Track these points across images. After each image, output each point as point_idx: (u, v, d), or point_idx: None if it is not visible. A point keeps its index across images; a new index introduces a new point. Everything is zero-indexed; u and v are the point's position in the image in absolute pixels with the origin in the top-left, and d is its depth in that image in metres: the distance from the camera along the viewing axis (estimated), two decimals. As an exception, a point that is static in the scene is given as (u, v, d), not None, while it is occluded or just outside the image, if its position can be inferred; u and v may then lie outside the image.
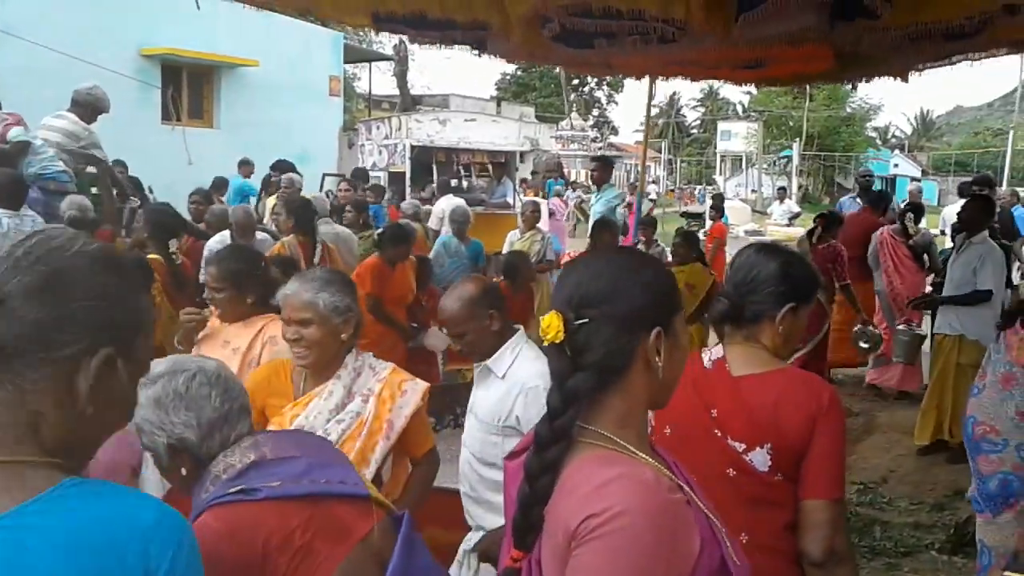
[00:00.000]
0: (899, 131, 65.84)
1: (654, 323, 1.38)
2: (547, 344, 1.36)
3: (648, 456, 1.38)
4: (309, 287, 2.63)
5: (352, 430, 2.64)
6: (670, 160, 53.20)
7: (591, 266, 1.44)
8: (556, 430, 1.34)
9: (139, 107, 13.62)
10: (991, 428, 3.93)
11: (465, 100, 23.47)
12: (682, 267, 6.40)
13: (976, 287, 6.07)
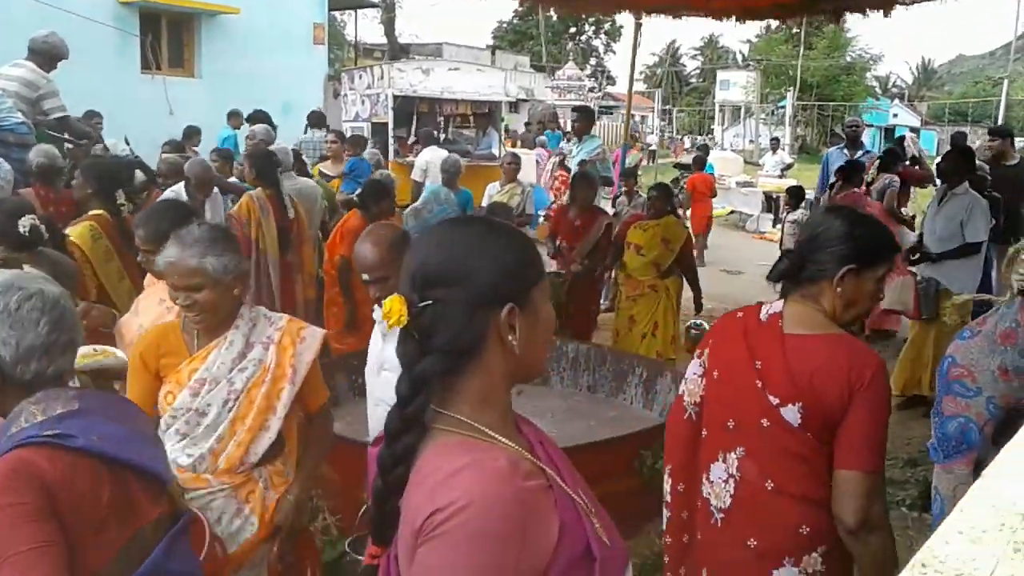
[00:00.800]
0: (900, 80, 65.14)
1: (506, 299, 1.29)
2: (389, 328, 1.27)
3: (509, 439, 1.30)
4: (193, 252, 2.50)
5: (256, 377, 2.60)
6: (668, 110, 52.68)
7: (434, 241, 1.35)
8: (406, 418, 1.27)
9: (117, 56, 13.35)
10: (968, 373, 3.86)
11: (459, 49, 23.07)
12: (657, 221, 6.28)
13: (965, 240, 5.96)
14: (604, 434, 4.85)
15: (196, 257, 2.49)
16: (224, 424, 2.57)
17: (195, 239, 2.52)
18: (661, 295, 6.28)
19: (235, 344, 2.60)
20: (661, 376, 5.24)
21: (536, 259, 1.37)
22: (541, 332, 1.36)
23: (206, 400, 2.56)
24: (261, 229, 5.60)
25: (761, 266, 11.91)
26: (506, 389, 1.35)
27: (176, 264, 2.50)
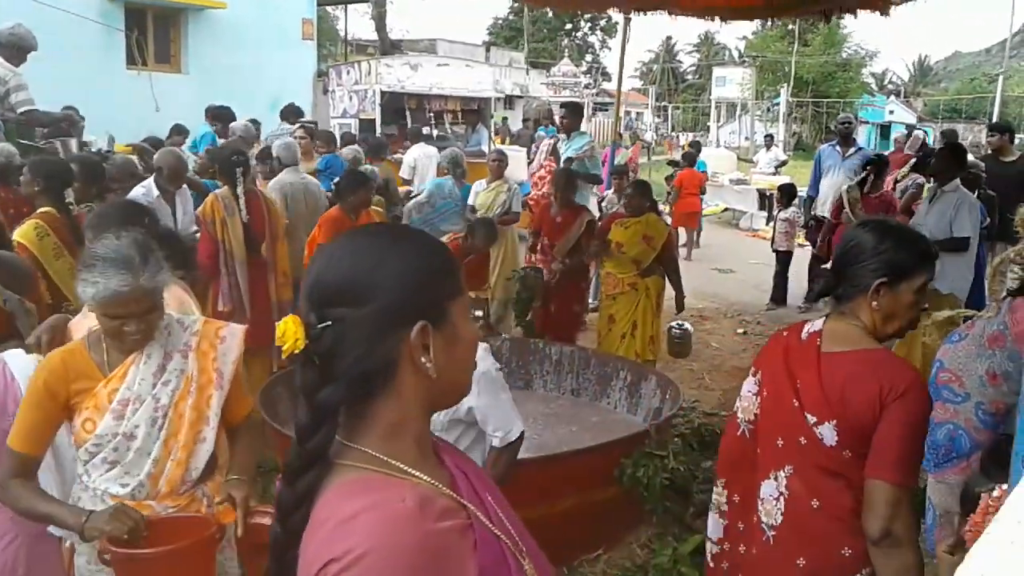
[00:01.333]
0: (896, 77, 64.97)
1: (417, 316, 1.14)
2: (286, 353, 1.12)
3: (424, 472, 1.14)
4: (146, 274, 2.23)
5: (182, 388, 2.40)
6: (664, 107, 52.53)
7: (335, 253, 1.18)
8: (308, 454, 1.12)
9: (103, 51, 13.15)
10: (956, 378, 3.74)
11: (453, 45, 22.87)
12: (638, 218, 6.12)
13: (953, 235, 5.83)
14: (586, 440, 4.73)
15: (150, 279, 2.24)
16: (157, 445, 2.37)
17: (136, 258, 2.22)
18: (640, 294, 6.12)
19: (153, 357, 2.38)
20: (646, 380, 5.10)
21: (453, 269, 1.23)
22: (461, 352, 1.21)
23: (133, 422, 2.34)
24: (227, 228, 5.42)
25: (752, 264, 11.79)
26: (422, 416, 1.20)
27: (132, 292, 2.20)
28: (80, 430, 2.34)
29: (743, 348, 8.07)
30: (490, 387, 2.82)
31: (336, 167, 8.02)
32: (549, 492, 3.88)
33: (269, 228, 5.58)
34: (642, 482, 3.99)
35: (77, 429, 2.33)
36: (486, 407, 2.86)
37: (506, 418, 2.93)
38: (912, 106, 46.76)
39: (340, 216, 5.87)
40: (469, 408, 2.79)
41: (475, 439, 3.00)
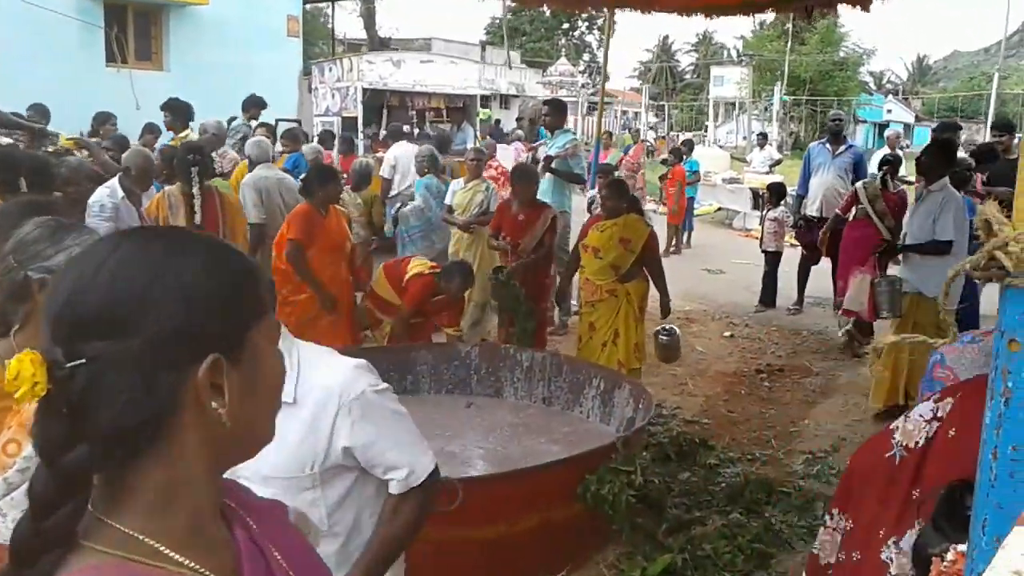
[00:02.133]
0: (895, 76, 64.74)
1: (206, 348, 0.87)
2: (20, 398, 0.82)
3: (198, 553, 0.88)
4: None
5: None
6: (661, 106, 52.32)
7: (91, 265, 0.87)
8: (46, 535, 0.83)
9: (81, 49, 12.94)
10: (953, 378, 3.52)
11: (448, 44, 22.61)
12: (615, 220, 5.85)
13: (935, 237, 5.58)
14: (554, 453, 4.49)
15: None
16: None
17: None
18: (621, 300, 5.85)
19: None
20: (619, 388, 4.85)
21: (255, 286, 0.95)
22: (265, 390, 0.95)
23: None
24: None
25: (743, 265, 11.54)
26: (207, 479, 0.92)
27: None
28: (2, 455, 1.99)
29: (729, 352, 7.82)
30: (372, 415, 1.98)
31: (303, 166, 7.80)
32: (509, 510, 3.64)
33: (223, 230, 5.34)
34: (607, 499, 3.74)
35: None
36: (369, 443, 1.98)
37: (404, 453, 2.03)
38: (910, 105, 46.58)
39: (310, 211, 5.65)
40: (344, 448, 1.96)
41: (376, 491, 2.08)
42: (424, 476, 2.03)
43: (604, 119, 38.36)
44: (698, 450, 5.35)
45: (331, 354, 2.05)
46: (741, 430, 5.94)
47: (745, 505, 4.62)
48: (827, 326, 8.54)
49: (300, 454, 1.91)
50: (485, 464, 4.35)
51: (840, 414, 6.25)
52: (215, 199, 5.36)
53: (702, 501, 4.70)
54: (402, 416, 2.07)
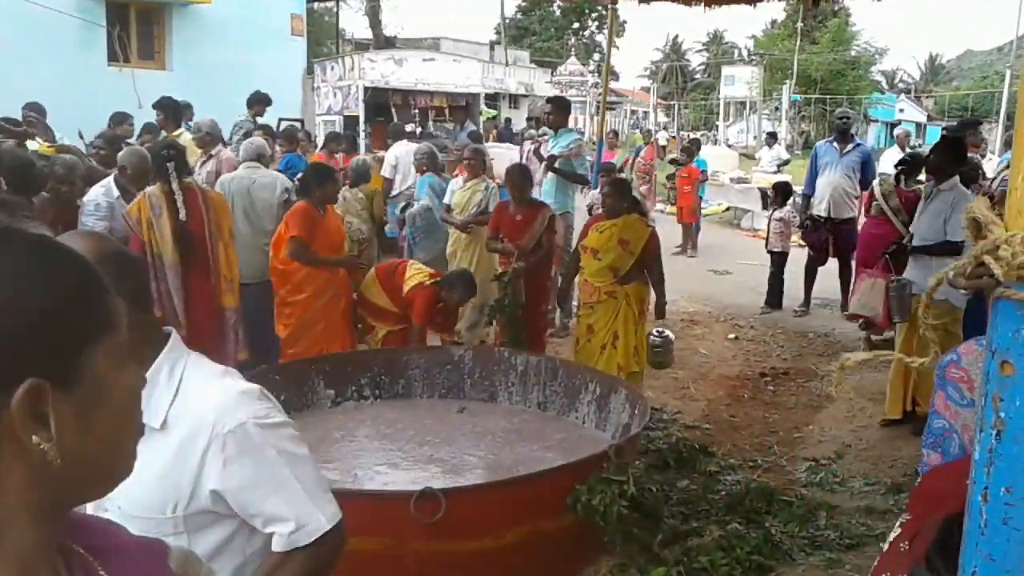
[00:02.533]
0: (907, 75, 64.23)
1: (22, 371, 0.73)
2: None
3: None
4: None
5: None
6: (671, 105, 52.07)
7: None
8: None
9: (83, 48, 12.87)
10: (967, 380, 3.41)
11: (457, 43, 22.50)
12: (614, 221, 5.71)
13: (947, 238, 5.40)
14: (548, 460, 4.34)
15: None
16: None
17: None
18: (620, 302, 5.70)
19: None
20: (615, 393, 4.70)
21: (97, 297, 0.82)
22: (112, 418, 0.82)
23: None
24: (153, 229, 5.04)
25: (747, 265, 11.36)
26: (32, 522, 0.77)
27: None
28: None
29: (732, 355, 7.66)
30: (251, 452, 1.57)
31: (297, 167, 7.68)
32: (495, 522, 3.49)
33: (208, 228, 5.21)
34: (598, 511, 3.59)
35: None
36: (243, 487, 1.58)
37: (291, 504, 1.61)
38: (923, 104, 46.20)
39: (308, 209, 5.55)
40: (213, 492, 1.57)
41: (265, 546, 1.65)
42: (317, 534, 1.61)
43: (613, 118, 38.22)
44: (698, 457, 5.20)
45: (223, 375, 1.70)
46: (743, 435, 5.79)
47: (744, 514, 4.47)
48: (834, 328, 8.37)
49: (161, 491, 1.57)
50: (475, 472, 4.20)
51: (846, 419, 6.08)
52: (197, 196, 5.20)
53: (700, 510, 4.55)
54: (296, 458, 1.64)
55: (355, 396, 5.15)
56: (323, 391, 5.05)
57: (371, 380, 5.19)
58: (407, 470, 4.22)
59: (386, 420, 4.85)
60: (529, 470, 4.12)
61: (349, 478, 4.10)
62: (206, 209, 5.19)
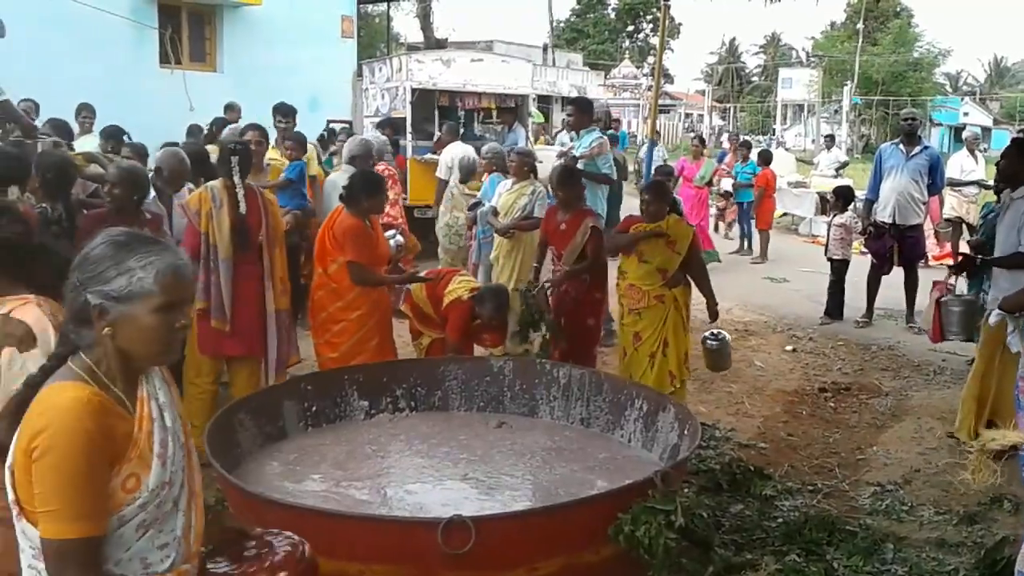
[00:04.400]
0: (971, 78, 62.47)
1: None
2: None
3: None
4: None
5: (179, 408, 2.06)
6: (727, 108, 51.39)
7: None
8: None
9: (135, 50, 12.86)
10: None
11: (509, 46, 22.34)
12: (657, 223, 5.44)
13: (1020, 248, 4.99)
14: (591, 481, 4.06)
15: None
16: (184, 491, 1.88)
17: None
18: (668, 307, 5.43)
19: (155, 372, 1.92)
20: (663, 411, 4.39)
21: None
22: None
23: (172, 468, 1.85)
24: (212, 221, 4.97)
25: (805, 273, 10.92)
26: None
27: (188, 266, 1.89)
28: (119, 491, 1.75)
29: (790, 368, 7.27)
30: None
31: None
32: (529, 553, 3.22)
33: (266, 230, 5.10)
34: (642, 543, 3.29)
35: (116, 491, 1.74)
36: None
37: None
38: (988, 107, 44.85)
39: (359, 226, 5.33)
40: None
41: None
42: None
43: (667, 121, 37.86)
44: (753, 479, 4.86)
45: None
46: (801, 456, 5.43)
47: (803, 545, 4.13)
48: (899, 341, 7.93)
49: None
50: (511, 494, 3.94)
51: (913, 441, 5.67)
52: (257, 196, 5.14)
53: (755, 539, 4.22)
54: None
55: (390, 408, 4.92)
56: (356, 402, 4.84)
57: (407, 391, 4.96)
58: (439, 490, 3.98)
59: (421, 434, 4.61)
60: (569, 493, 3.86)
61: (377, 497, 3.86)
62: (264, 211, 5.11)
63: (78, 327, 1.79)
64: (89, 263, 1.78)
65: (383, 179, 5.97)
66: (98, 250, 1.78)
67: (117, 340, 1.77)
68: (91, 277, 1.76)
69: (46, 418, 1.67)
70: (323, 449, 4.38)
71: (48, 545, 1.66)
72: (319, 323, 5.50)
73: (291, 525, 3.22)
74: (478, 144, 10.65)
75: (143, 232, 1.92)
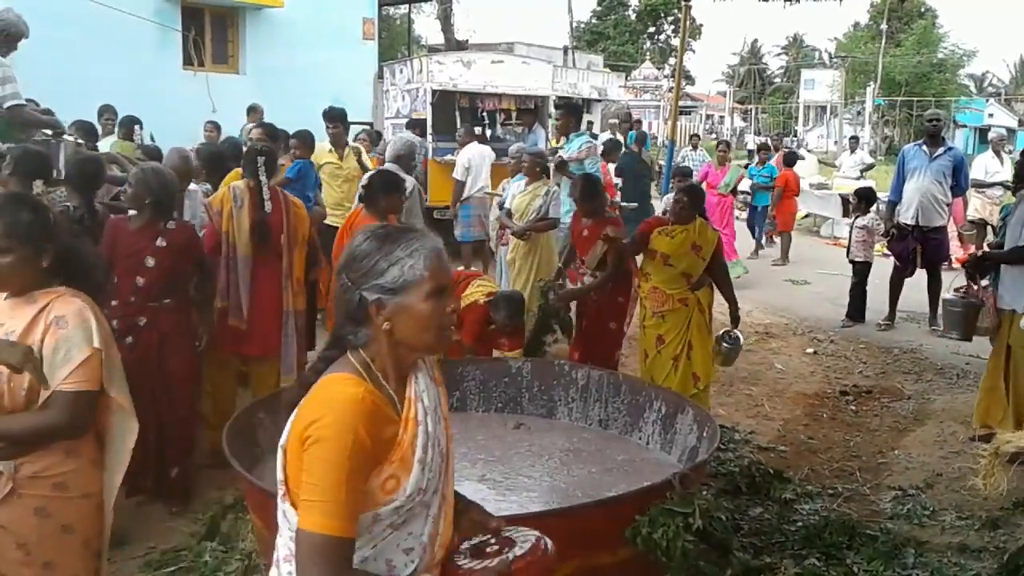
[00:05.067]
0: (996, 79, 61.76)
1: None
2: None
3: None
4: None
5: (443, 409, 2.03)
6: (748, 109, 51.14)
7: None
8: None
9: (159, 52, 12.98)
10: None
11: (530, 48, 22.33)
12: (685, 226, 5.43)
13: (1020, 242, 4.95)
14: (608, 483, 4.05)
15: None
16: (437, 496, 1.85)
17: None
18: (692, 309, 5.43)
19: (422, 371, 1.89)
20: (682, 413, 4.37)
21: None
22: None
23: (430, 474, 1.82)
24: (232, 221, 5.00)
25: (827, 275, 10.85)
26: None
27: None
28: (378, 492, 1.74)
29: (811, 371, 7.22)
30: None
31: (310, 177, 7.23)
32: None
33: (287, 231, 5.13)
34: (660, 545, 3.28)
35: (375, 492, 1.74)
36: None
37: None
38: (1013, 109, 44.33)
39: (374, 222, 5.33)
40: None
41: None
42: None
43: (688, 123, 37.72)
44: (772, 482, 4.82)
45: None
46: (822, 460, 5.39)
47: (823, 549, 4.10)
48: (921, 344, 7.85)
49: None
50: (528, 495, 3.93)
51: (935, 444, 5.61)
52: (280, 197, 5.17)
53: (774, 543, 4.20)
54: None
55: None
56: (375, 403, 4.85)
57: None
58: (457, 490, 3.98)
59: (438, 435, 4.61)
60: (587, 495, 3.85)
61: (395, 498, 3.87)
62: (286, 212, 5.14)
63: (355, 327, 1.80)
64: (357, 261, 1.78)
65: (401, 179, 5.98)
66: (363, 247, 1.79)
67: (395, 333, 1.76)
68: (363, 274, 1.76)
69: (322, 409, 1.68)
70: (341, 449, 4.39)
71: (302, 535, 1.66)
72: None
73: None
74: (498, 146, 10.67)
75: (396, 224, 1.93)
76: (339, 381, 1.74)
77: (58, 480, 2.54)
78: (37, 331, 2.52)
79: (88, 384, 2.53)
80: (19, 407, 2.48)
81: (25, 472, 2.50)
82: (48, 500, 2.54)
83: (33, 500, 2.51)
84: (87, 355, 2.52)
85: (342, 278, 1.80)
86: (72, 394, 2.50)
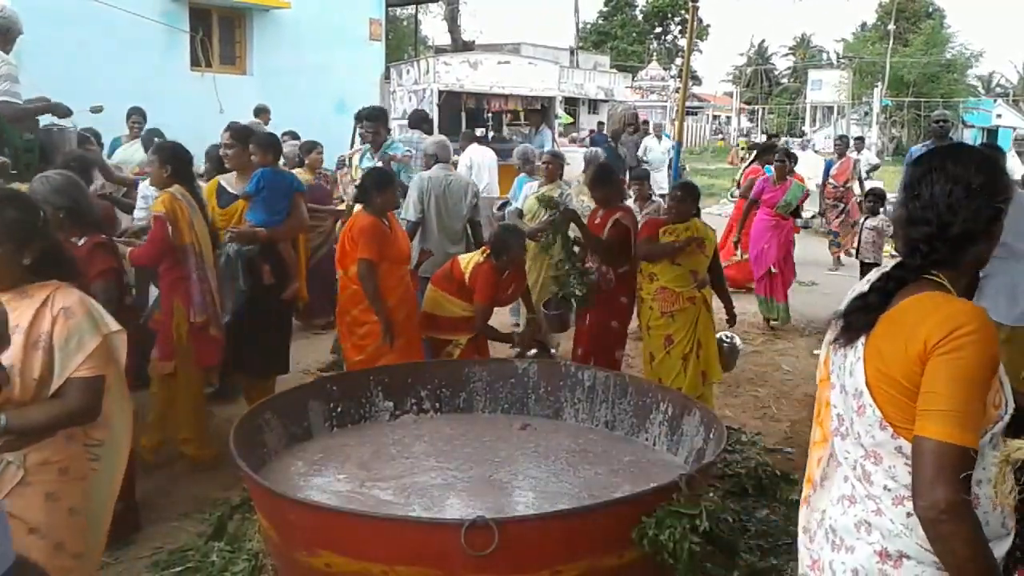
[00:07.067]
0: (1005, 80, 61.53)
1: None
2: None
3: None
4: None
5: None
6: (754, 110, 51.05)
7: None
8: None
9: (166, 52, 13.04)
10: None
11: (537, 48, 22.36)
12: (686, 224, 5.46)
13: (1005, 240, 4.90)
14: (615, 484, 4.04)
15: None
16: None
17: None
18: (699, 308, 5.46)
19: None
20: (689, 414, 4.36)
21: None
22: None
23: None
24: (194, 229, 4.91)
25: (835, 276, 10.82)
26: None
27: None
28: (990, 407, 1.73)
29: (818, 372, 7.20)
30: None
31: (279, 183, 5.70)
32: (552, 556, 3.21)
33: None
34: (666, 546, 3.27)
35: (987, 406, 1.73)
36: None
37: None
38: (1021, 110, 44.21)
39: (375, 223, 5.30)
40: None
41: None
42: None
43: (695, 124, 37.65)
44: (779, 484, 4.82)
45: None
46: (829, 462, 5.37)
47: (830, 552, 4.08)
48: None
49: None
50: (534, 496, 3.93)
51: (942, 446, 5.60)
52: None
53: (781, 545, 4.19)
54: None
55: (414, 409, 4.92)
56: (381, 403, 4.85)
57: (431, 393, 4.96)
58: (462, 491, 3.97)
59: (444, 436, 4.61)
60: (593, 496, 3.84)
61: (401, 498, 3.87)
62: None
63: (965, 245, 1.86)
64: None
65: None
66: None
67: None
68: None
69: (964, 318, 1.67)
70: (348, 449, 4.39)
71: (926, 444, 1.62)
72: (346, 326, 5.52)
73: (315, 525, 3.26)
74: (500, 147, 10.69)
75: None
76: (954, 299, 1.75)
77: (63, 465, 2.64)
78: (44, 322, 2.60)
79: (99, 369, 2.64)
80: (30, 397, 2.53)
81: (33, 460, 2.57)
82: (57, 484, 2.62)
83: (43, 486, 2.59)
84: (99, 342, 2.63)
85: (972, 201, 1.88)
86: (87, 380, 2.59)
